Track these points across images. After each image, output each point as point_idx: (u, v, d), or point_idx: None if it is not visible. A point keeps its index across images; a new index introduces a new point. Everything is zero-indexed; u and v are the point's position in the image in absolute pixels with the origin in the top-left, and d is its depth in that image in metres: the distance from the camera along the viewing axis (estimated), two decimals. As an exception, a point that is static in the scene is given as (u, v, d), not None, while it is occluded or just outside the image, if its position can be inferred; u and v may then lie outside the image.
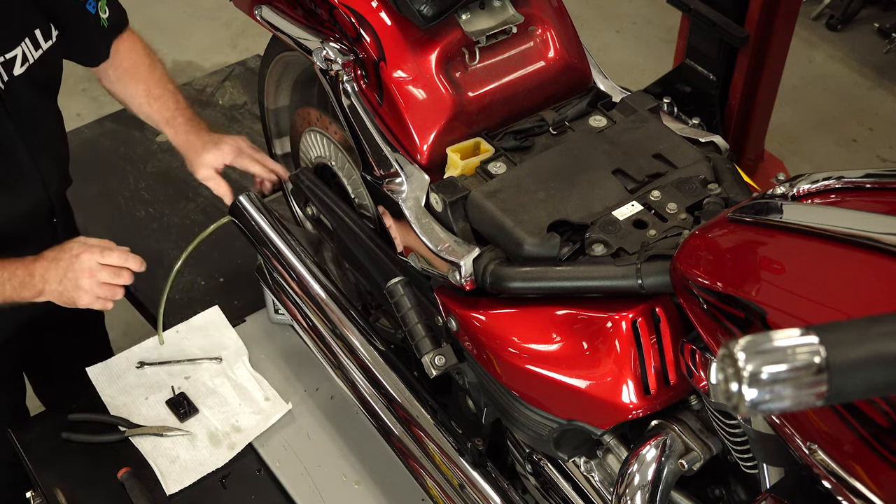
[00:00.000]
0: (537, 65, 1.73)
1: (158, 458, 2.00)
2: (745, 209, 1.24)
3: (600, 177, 1.54)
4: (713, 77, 2.55)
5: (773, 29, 2.46)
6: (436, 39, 1.67)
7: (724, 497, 1.42)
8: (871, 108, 3.33)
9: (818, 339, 0.71)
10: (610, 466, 1.50)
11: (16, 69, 1.68)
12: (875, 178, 1.18)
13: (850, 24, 3.64)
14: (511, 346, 1.46)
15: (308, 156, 2.16)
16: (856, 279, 1.06)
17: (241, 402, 2.12)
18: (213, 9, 3.61)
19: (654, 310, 1.34)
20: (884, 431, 0.92)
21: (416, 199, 1.62)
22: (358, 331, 1.91)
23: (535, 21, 1.73)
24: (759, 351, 0.71)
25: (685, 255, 1.25)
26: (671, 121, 1.70)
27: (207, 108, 3.03)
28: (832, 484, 0.99)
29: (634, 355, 1.34)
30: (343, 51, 1.72)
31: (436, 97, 1.66)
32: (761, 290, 1.13)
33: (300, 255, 2.04)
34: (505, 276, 1.45)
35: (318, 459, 2.04)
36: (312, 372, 2.18)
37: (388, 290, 1.69)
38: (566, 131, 1.67)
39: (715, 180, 1.51)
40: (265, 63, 2.22)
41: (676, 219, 1.45)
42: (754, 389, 0.71)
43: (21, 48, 1.68)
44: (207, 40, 3.52)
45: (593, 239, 1.43)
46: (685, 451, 1.34)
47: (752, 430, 1.18)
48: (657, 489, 1.33)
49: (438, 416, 1.77)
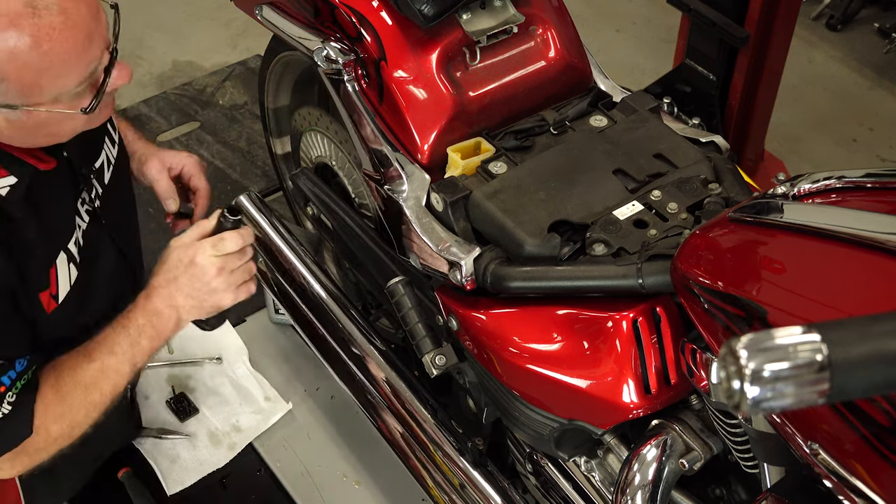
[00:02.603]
0: (538, 64, 1.73)
1: (158, 458, 2.00)
2: (745, 209, 1.24)
3: (601, 176, 1.54)
4: (713, 77, 2.55)
5: (773, 29, 2.45)
6: (436, 39, 1.67)
7: (724, 497, 1.42)
8: (871, 108, 3.33)
9: (820, 336, 0.71)
10: (610, 466, 1.50)
11: (106, 177, 1.58)
12: (875, 177, 1.19)
13: (850, 24, 3.64)
14: (512, 346, 1.46)
15: (308, 155, 2.16)
16: (857, 278, 1.06)
17: (241, 402, 2.12)
18: (213, 9, 3.61)
19: (654, 309, 1.34)
20: (885, 430, 0.92)
21: (417, 199, 1.62)
22: (358, 331, 1.91)
23: (535, 21, 1.73)
24: (761, 349, 0.71)
25: (686, 254, 1.25)
26: (671, 121, 1.70)
27: (207, 108, 3.03)
28: (833, 483, 0.99)
29: (635, 355, 1.34)
30: (344, 50, 1.72)
31: (436, 97, 1.66)
32: (762, 289, 1.13)
33: (300, 255, 2.04)
34: (505, 275, 1.45)
35: (318, 459, 2.05)
36: (312, 372, 2.19)
37: (389, 289, 1.69)
38: (567, 131, 1.67)
39: (715, 180, 1.51)
40: (266, 63, 2.22)
41: (677, 218, 1.45)
42: (756, 387, 0.71)
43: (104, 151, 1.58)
44: (207, 40, 3.52)
45: (594, 239, 1.43)
46: (686, 450, 1.34)
47: (753, 429, 1.18)
48: (658, 489, 1.33)
49: (439, 416, 1.77)
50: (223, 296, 1.46)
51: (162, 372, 2.14)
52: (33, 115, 1.27)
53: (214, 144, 2.94)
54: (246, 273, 1.48)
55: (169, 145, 2.86)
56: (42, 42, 1.20)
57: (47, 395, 1.40)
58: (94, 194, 1.54)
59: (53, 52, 1.21)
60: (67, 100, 1.28)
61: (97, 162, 1.56)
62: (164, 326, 1.45)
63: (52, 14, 1.20)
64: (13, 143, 1.33)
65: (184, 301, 1.44)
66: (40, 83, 1.23)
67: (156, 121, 3.01)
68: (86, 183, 1.52)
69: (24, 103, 1.25)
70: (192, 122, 3.03)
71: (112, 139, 1.61)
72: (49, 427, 1.41)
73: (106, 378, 1.43)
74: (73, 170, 1.48)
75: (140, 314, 1.45)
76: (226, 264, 1.44)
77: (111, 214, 1.58)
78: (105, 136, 1.58)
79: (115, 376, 1.44)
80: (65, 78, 1.25)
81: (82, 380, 1.42)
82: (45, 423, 1.40)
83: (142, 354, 1.45)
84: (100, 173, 1.56)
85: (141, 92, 3.23)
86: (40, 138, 1.35)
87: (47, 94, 1.25)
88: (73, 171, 1.48)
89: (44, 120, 1.29)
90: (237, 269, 1.46)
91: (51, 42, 1.21)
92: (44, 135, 1.34)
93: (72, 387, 1.42)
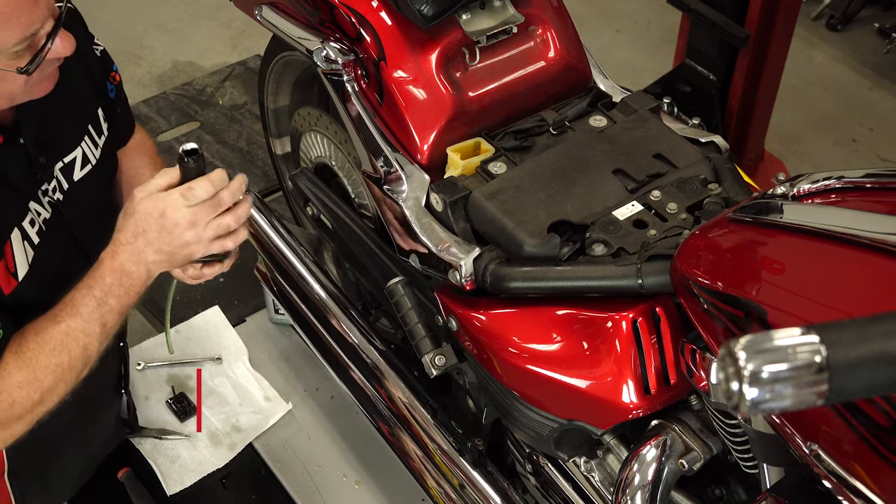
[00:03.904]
0: (538, 65, 1.73)
1: (158, 458, 2.01)
2: (745, 209, 1.24)
3: (600, 177, 1.54)
4: (713, 77, 2.55)
5: (773, 29, 2.45)
6: (436, 39, 1.67)
7: (724, 497, 1.42)
8: (871, 108, 3.33)
9: (819, 338, 0.71)
10: (610, 466, 1.50)
11: (76, 174, 1.55)
12: (875, 178, 1.19)
13: (850, 24, 3.64)
14: (511, 346, 1.46)
15: (308, 156, 2.16)
16: (856, 279, 1.06)
17: (241, 402, 2.12)
18: (213, 9, 3.61)
19: (654, 309, 1.34)
20: (884, 431, 0.92)
21: (417, 199, 1.62)
22: (358, 331, 1.91)
23: (535, 21, 1.73)
24: (760, 350, 0.71)
25: (685, 254, 1.25)
26: (671, 121, 1.70)
27: (207, 108, 3.03)
28: (832, 483, 0.99)
29: (635, 355, 1.34)
30: (343, 51, 1.72)
31: (436, 97, 1.66)
32: (761, 289, 1.13)
33: (300, 255, 2.04)
34: (505, 276, 1.45)
35: (318, 459, 2.05)
36: (312, 372, 2.19)
37: (389, 289, 1.69)
38: (566, 131, 1.67)
39: (715, 180, 1.51)
40: (265, 63, 2.22)
41: (677, 219, 1.45)
42: (755, 388, 0.71)
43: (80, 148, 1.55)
44: (207, 40, 3.52)
45: (593, 239, 1.43)
46: (685, 450, 1.34)
47: (753, 429, 1.18)
48: (657, 489, 1.33)
49: (438, 416, 1.77)
50: (195, 248, 1.38)
51: (162, 372, 2.14)
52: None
53: (214, 144, 2.94)
54: (220, 228, 1.38)
55: (169, 145, 2.86)
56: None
57: (9, 362, 1.37)
58: (56, 187, 1.52)
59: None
60: (5, 59, 1.28)
61: (67, 157, 1.53)
62: (132, 284, 1.39)
63: None
64: None
65: (154, 256, 1.37)
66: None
67: (156, 121, 3.01)
68: (44, 173, 1.50)
69: None
70: (192, 122, 3.03)
71: (95, 142, 1.59)
72: (13, 393, 1.37)
73: (73, 340, 1.38)
74: (27, 155, 1.46)
75: (107, 273, 1.38)
76: (197, 216, 1.35)
77: (75, 212, 1.55)
78: (84, 135, 1.57)
79: (84, 337, 1.39)
80: (4, 32, 1.25)
81: (47, 343, 1.38)
82: (6, 389, 1.36)
83: (111, 314, 1.40)
84: (68, 169, 1.54)
85: (141, 92, 3.24)
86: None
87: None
88: (28, 157, 1.46)
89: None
90: (211, 223, 1.37)
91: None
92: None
93: (36, 351, 1.38)
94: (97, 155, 1.59)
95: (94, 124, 1.59)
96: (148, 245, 1.36)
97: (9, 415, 1.38)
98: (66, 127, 1.48)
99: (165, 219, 1.35)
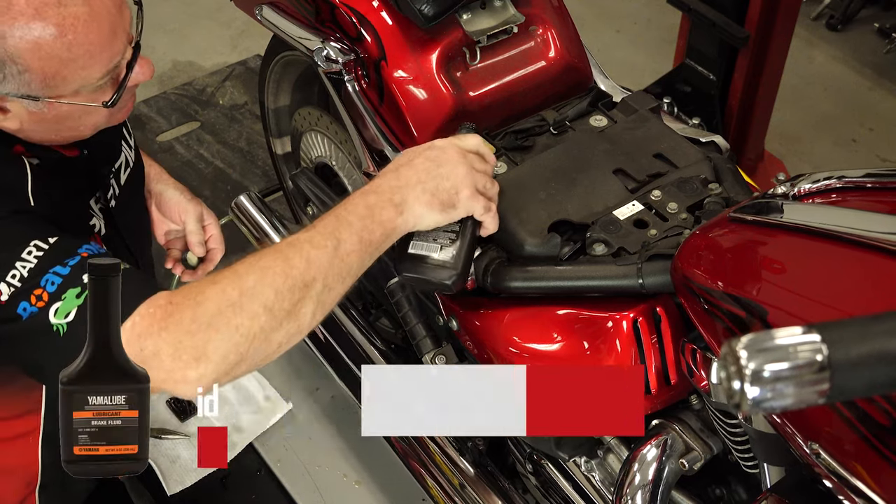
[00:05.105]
0: (538, 64, 1.74)
1: (159, 458, 2.01)
2: (745, 209, 1.24)
3: (601, 176, 1.54)
4: (713, 77, 2.55)
5: (773, 29, 2.46)
6: (437, 39, 1.67)
7: (724, 497, 1.42)
8: (871, 108, 3.33)
9: (820, 337, 0.71)
10: (610, 466, 1.50)
11: (122, 178, 1.54)
12: (875, 177, 1.19)
13: (850, 24, 3.64)
14: (512, 346, 1.46)
15: (308, 155, 2.16)
16: (857, 278, 1.06)
17: (241, 402, 2.12)
18: (213, 9, 3.61)
19: (654, 309, 1.34)
20: (885, 430, 0.92)
21: (417, 199, 1.62)
22: (358, 330, 1.91)
23: (535, 21, 1.73)
24: (762, 349, 0.71)
25: (686, 254, 1.25)
26: (672, 121, 1.70)
27: (207, 108, 3.03)
28: (833, 483, 0.99)
29: (635, 355, 1.34)
30: (344, 50, 1.72)
31: (436, 97, 1.66)
32: (762, 289, 1.13)
33: (300, 255, 2.03)
34: (506, 275, 1.45)
35: (318, 459, 2.05)
36: (312, 372, 2.19)
37: (389, 289, 1.69)
38: (567, 131, 1.67)
39: (716, 180, 1.51)
40: (266, 63, 2.22)
41: (677, 218, 1.45)
42: (756, 387, 0.71)
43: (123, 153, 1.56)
44: (207, 40, 3.52)
45: (594, 238, 1.43)
46: (686, 450, 1.34)
47: (753, 429, 1.18)
48: (658, 489, 1.33)
49: (439, 416, 1.77)
50: (462, 185, 1.27)
51: (162, 372, 2.14)
52: (54, 107, 1.26)
53: (214, 144, 2.94)
54: (490, 183, 1.31)
55: (169, 145, 2.86)
56: (66, 32, 1.20)
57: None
58: (111, 194, 1.53)
59: (77, 42, 1.21)
60: (89, 93, 1.27)
61: (116, 163, 1.55)
62: (386, 212, 1.25)
63: (77, 5, 1.20)
64: (33, 138, 1.32)
65: (416, 177, 1.26)
66: (63, 74, 1.23)
67: (156, 121, 3.01)
68: (102, 183, 1.50)
69: (46, 95, 1.24)
70: (192, 122, 3.03)
71: (128, 143, 1.60)
72: (205, 290, 1.15)
73: (294, 249, 1.20)
74: (93, 168, 1.47)
75: (357, 197, 1.27)
76: (468, 158, 1.30)
77: (124, 217, 1.56)
78: (121, 138, 1.58)
79: (309, 249, 1.20)
80: (88, 70, 1.24)
81: (268, 251, 1.21)
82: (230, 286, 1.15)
83: (350, 235, 1.22)
84: (118, 174, 1.55)
85: (141, 92, 3.23)
86: (61, 132, 1.34)
87: (70, 85, 1.25)
88: (93, 170, 1.47)
89: (65, 113, 1.28)
90: (480, 172, 1.31)
91: (75, 33, 1.20)
92: (64, 129, 1.33)
93: (249, 265, 1.19)
94: (132, 156, 1.60)
95: (125, 125, 1.60)
96: (412, 169, 1.29)
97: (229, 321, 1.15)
98: (111, 132, 1.49)
99: (433, 148, 1.31)
